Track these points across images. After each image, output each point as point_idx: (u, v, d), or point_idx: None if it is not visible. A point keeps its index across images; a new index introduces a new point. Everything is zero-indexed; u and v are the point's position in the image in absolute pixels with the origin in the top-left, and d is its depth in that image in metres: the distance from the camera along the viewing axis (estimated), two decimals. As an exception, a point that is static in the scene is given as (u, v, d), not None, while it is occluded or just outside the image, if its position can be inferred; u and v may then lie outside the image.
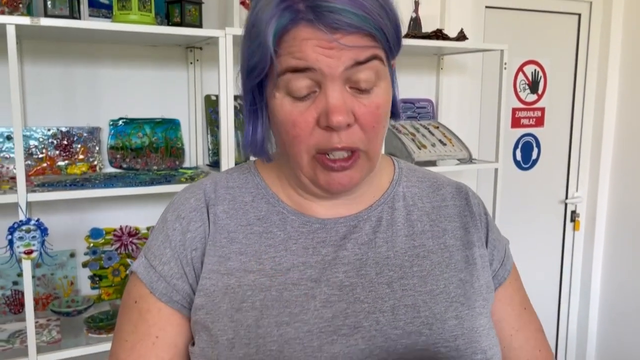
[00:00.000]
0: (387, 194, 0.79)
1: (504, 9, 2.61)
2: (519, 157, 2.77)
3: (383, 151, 2.07)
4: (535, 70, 2.75)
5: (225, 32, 1.60)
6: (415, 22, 2.22)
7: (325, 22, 0.62)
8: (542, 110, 2.80)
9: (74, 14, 1.49)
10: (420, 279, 0.74)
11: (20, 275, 1.62)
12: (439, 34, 2.05)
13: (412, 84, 2.33)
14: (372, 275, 0.73)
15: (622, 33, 2.82)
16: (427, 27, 2.22)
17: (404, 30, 2.32)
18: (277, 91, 0.67)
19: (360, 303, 0.71)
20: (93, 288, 1.83)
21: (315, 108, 0.65)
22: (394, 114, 0.77)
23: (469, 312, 0.74)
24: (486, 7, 2.56)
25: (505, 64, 2.16)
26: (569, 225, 2.98)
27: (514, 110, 2.72)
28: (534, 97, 2.77)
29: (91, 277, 1.82)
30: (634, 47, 2.77)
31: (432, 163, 2.13)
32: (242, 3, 1.82)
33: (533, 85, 2.76)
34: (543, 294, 2.97)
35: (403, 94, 2.29)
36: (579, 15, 2.82)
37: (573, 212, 2.97)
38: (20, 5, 1.51)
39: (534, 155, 2.82)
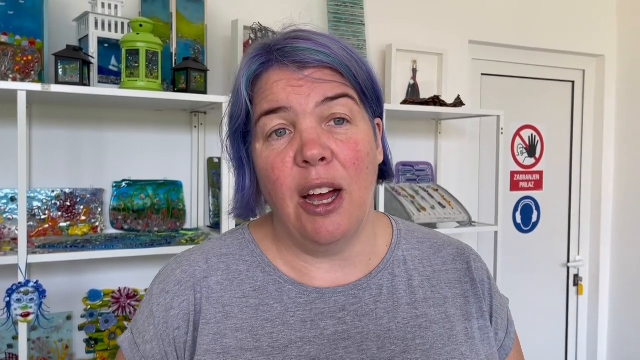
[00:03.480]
0: (385, 259, 0.76)
1: (499, 76, 2.70)
2: (519, 220, 2.78)
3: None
4: (532, 134, 2.80)
5: (229, 98, 1.65)
6: (413, 88, 2.29)
7: (291, 59, 0.66)
8: (541, 173, 2.83)
9: (84, 81, 1.54)
10: (422, 353, 0.71)
11: (15, 338, 1.60)
12: (436, 100, 2.11)
13: (411, 148, 2.37)
14: (374, 351, 0.70)
15: (616, 99, 2.90)
16: (424, 93, 2.29)
17: (403, 96, 2.36)
18: (256, 142, 0.69)
19: None
20: (88, 352, 1.79)
21: (292, 148, 0.66)
22: (387, 174, 0.78)
23: None
24: (482, 74, 2.64)
25: (502, 129, 2.21)
26: (572, 289, 2.95)
27: (513, 173, 2.75)
28: (531, 160, 2.81)
29: (87, 341, 1.79)
30: (628, 112, 2.84)
31: (432, 225, 2.13)
32: (246, 70, 1.89)
33: (530, 149, 2.80)
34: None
35: (402, 157, 2.33)
36: (573, 82, 2.90)
37: (576, 276, 2.94)
38: (32, 73, 1.56)
39: (534, 218, 2.82)
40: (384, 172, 0.78)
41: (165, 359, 0.71)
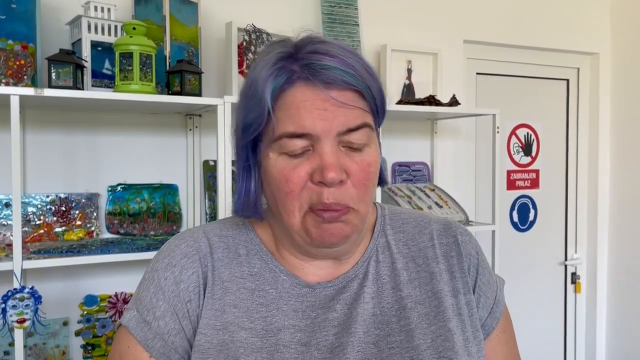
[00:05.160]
0: (370, 248, 0.79)
1: (494, 75, 2.70)
2: (515, 218, 2.78)
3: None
4: (527, 133, 2.80)
5: (224, 100, 1.65)
6: (409, 88, 2.29)
7: (319, 78, 0.66)
8: (537, 172, 2.83)
9: (77, 85, 1.53)
10: (407, 334, 0.73)
11: (12, 344, 1.59)
12: (431, 100, 2.11)
13: (407, 148, 2.37)
14: (360, 334, 0.72)
15: (610, 96, 2.90)
16: (420, 93, 2.28)
17: (398, 96, 2.36)
18: (271, 151, 0.69)
19: None
20: (85, 358, 1.78)
21: (309, 164, 0.67)
22: (382, 180, 0.79)
23: None
24: (477, 73, 2.64)
25: (498, 127, 2.21)
26: (570, 287, 2.95)
27: (509, 172, 2.75)
28: (527, 159, 2.81)
29: (84, 346, 1.78)
30: (623, 109, 2.85)
31: (429, 226, 2.13)
32: (241, 72, 1.88)
33: (526, 148, 2.80)
34: (546, 358, 2.89)
35: (398, 157, 2.32)
36: (567, 80, 2.91)
37: (573, 274, 2.94)
38: (25, 77, 1.55)
39: (531, 217, 2.82)
40: (379, 178, 0.79)
41: (182, 333, 0.71)
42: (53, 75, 1.51)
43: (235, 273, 0.75)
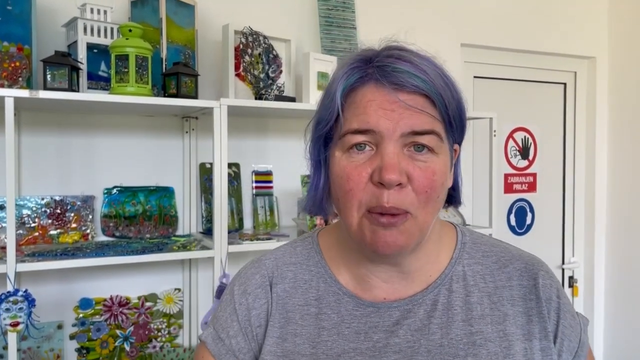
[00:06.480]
0: (444, 274, 0.76)
1: (491, 79, 2.70)
2: (513, 222, 2.77)
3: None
4: (525, 136, 2.80)
5: (220, 103, 1.64)
6: (406, 91, 2.29)
7: (389, 80, 0.67)
8: (534, 175, 2.83)
9: (72, 87, 1.52)
10: None
11: (5, 348, 1.57)
12: (429, 103, 2.11)
13: (404, 151, 2.36)
14: None
15: (608, 100, 2.90)
16: (417, 97, 2.28)
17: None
18: (337, 149, 0.71)
19: None
20: (80, 361, 1.77)
21: (370, 164, 0.67)
22: (455, 200, 0.78)
23: None
24: (474, 77, 2.64)
25: (495, 131, 2.20)
26: (568, 290, 2.94)
27: (506, 175, 2.75)
28: (525, 162, 2.81)
29: (78, 350, 1.77)
30: (619, 113, 2.85)
31: (426, 229, 2.12)
32: (237, 75, 1.88)
33: (524, 152, 2.80)
34: (545, 363, 2.89)
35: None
36: (565, 84, 2.91)
37: (571, 278, 2.94)
38: (20, 79, 1.55)
39: (528, 220, 2.82)
40: (452, 197, 0.78)
41: (251, 352, 0.77)
42: (48, 77, 1.50)
43: (299, 302, 0.77)
